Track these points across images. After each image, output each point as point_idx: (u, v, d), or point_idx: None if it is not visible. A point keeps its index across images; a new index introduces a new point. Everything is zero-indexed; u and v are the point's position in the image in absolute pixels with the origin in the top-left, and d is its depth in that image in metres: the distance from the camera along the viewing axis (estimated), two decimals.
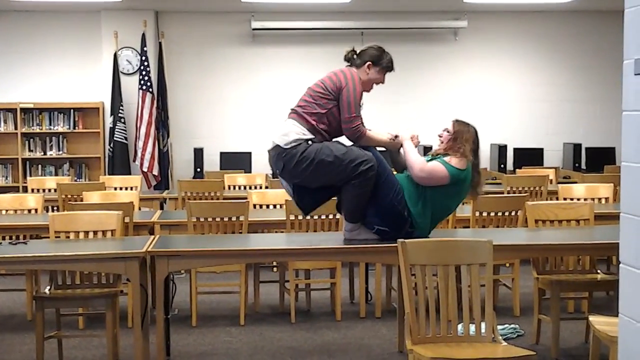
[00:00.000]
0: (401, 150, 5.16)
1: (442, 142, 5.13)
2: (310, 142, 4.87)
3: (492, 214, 6.52)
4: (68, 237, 5.54)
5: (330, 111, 4.92)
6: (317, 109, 4.92)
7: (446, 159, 4.97)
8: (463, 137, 5.03)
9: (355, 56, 5.18)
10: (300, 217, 6.27)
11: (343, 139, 5.03)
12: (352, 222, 5.02)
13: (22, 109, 10.96)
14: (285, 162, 4.88)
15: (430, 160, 5.02)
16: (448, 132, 5.12)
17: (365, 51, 5.16)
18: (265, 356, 5.64)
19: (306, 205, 5.12)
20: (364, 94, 5.07)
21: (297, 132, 4.87)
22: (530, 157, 11.43)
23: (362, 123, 4.97)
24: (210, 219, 6.29)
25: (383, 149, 5.15)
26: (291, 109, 5.05)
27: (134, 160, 10.74)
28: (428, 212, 4.95)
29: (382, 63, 5.13)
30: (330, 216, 6.36)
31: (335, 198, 5.16)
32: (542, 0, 10.95)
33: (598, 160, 11.22)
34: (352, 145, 4.96)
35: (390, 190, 4.88)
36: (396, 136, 5.16)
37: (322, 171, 4.84)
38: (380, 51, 5.18)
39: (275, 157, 4.94)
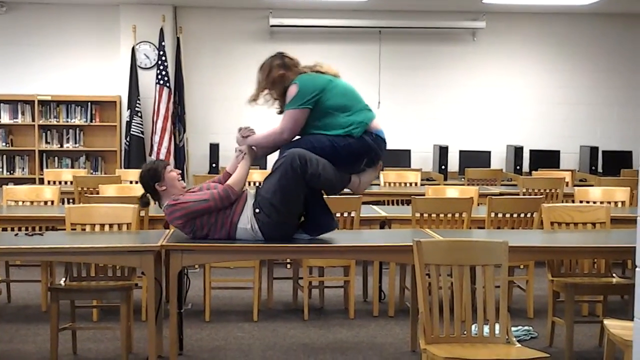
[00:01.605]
0: (254, 148, 5.06)
1: (275, 100, 5.04)
2: (255, 209, 4.82)
3: (508, 215, 6.50)
4: (84, 229, 5.56)
5: (210, 219, 4.87)
6: (210, 229, 4.89)
7: (286, 105, 4.88)
8: (271, 71, 4.98)
9: (146, 201, 5.23)
10: None
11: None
12: (346, 187, 5.00)
13: (39, 101, 11.02)
14: (278, 234, 4.86)
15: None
16: (269, 93, 5.03)
17: (145, 187, 5.13)
18: (278, 352, 5.65)
19: (323, 222, 5.05)
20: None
21: (247, 231, 4.86)
22: (546, 159, 11.37)
23: (218, 193, 4.86)
24: None
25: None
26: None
27: (150, 155, 10.77)
28: (341, 120, 4.87)
29: (158, 175, 5.03)
30: (345, 214, 6.35)
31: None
32: (562, 2, 10.89)
33: (615, 164, 11.16)
34: (274, 167, 4.85)
35: (325, 148, 4.80)
36: (240, 150, 5.07)
37: (289, 203, 4.80)
38: (145, 178, 5.11)
39: (277, 239, 4.89)
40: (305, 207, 4.91)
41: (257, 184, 8.32)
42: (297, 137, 4.93)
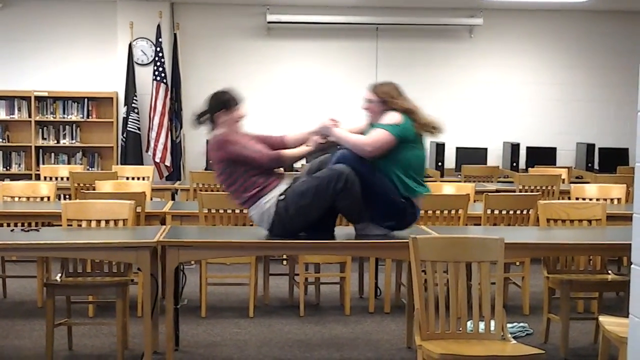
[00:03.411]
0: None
1: (372, 113, 5.06)
2: (281, 195, 4.84)
3: (504, 212, 6.50)
4: (80, 225, 5.56)
5: (244, 173, 4.89)
6: (239, 186, 4.91)
7: (381, 122, 4.92)
8: (391, 96, 5.01)
9: (204, 121, 5.13)
10: None
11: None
12: (357, 223, 5.04)
13: (36, 97, 11.01)
14: (282, 228, 4.87)
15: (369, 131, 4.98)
16: (371, 101, 5.05)
17: (209, 107, 5.07)
18: (274, 348, 5.65)
19: (327, 231, 5.09)
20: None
21: (263, 209, 4.87)
22: (542, 156, 11.39)
23: (269, 154, 4.91)
24: (221, 211, 6.30)
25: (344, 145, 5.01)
26: (237, 203, 5.10)
27: (147, 151, 10.76)
28: (409, 179, 4.91)
29: (228, 105, 5.04)
30: None
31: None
32: None
33: (611, 161, 11.17)
34: (318, 174, 4.87)
35: (380, 187, 4.85)
36: (318, 135, 5.03)
37: (310, 211, 4.82)
38: (218, 98, 5.08)
39: (274, 233, 4.92)
40: (320, 219, 4.95)
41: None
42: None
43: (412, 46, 11.68)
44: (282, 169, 5.10)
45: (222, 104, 5.03)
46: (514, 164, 11.01)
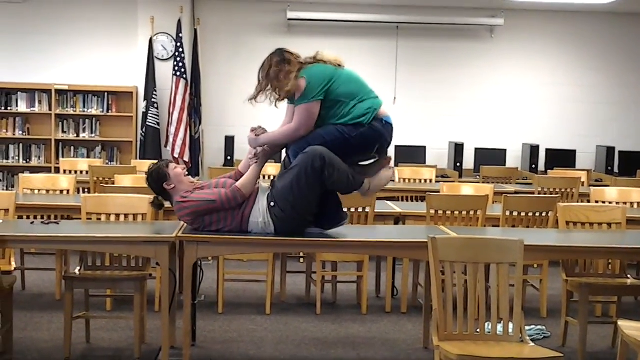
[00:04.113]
0: (267, 148, 4.97)
1: (276, 98, 4.93)
2: (270, 203, 4.80)
3: (523, 214, 6.48)
4: (99, 219, 5.59)
5: (219, 216, 4.85)
6: (223, 224, 4.86)
7: (296, 101, 4.82)
8: (276, 74, 4.85)
9: (158, 202, 5.15)
10: None
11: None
12: (360, 185, 4.94)
13: (56, 91, 11.06)
14: (285, 228, 4.84)
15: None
16: (261, 90, 4.95)
17: (154, 189, 5.09)
18: (290, 346, 5.66)
19: (335, 216, 5.03)
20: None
21: (259, 224, 4.84)
22: (562, 158, 11.33)
23: (226, 193, 4.83)
24: None
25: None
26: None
27: (166, 146, 10.80)
28: (350, 108, 4.80)
29: (163, 174, 5.01)
30: (360, 209, 6.35)
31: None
32: (580, 0, 10.83)
33: (631, 164, 11.10)
34: (293, 164, 4.81)
35: (338, 142, 4.75)
36: (255, 152, 4.97)
37: (305, 202, 4.76)
38: (152, 176, 5.05)
39: (283, 233, 4.88)
40: (319, 202, 4.89)
41: (271, 177, 8.31)
42: None
43: (432, 45, 11.65)
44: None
45: (158, 179, 5.02)
46: (533, 166, 10.97)
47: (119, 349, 5.51)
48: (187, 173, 5.10)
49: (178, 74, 10.72)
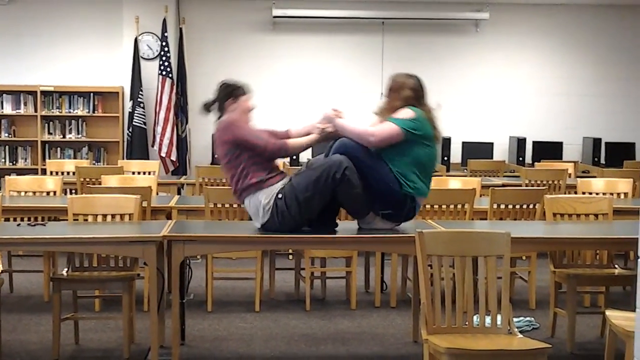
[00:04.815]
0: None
1: (389, 103, 5.00)
2: (279, 194, 4.81)
3: (510, 206, 6.49)
4: (86, 219, 5.56)
5: (248, 160, 4.86)
6: (240, 171, 4.87)
7: (393, 116, 4.86)
8: (402, 87, 4.95)
9: (213, 105, 5.14)
10: None
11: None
12: (361, 218, 5.01)
13: (42, 92, 11.03)
14: (280, 224, 4.83)
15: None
16: (391, 90, 5.02)
17: (218, 95, 5.09)
18: (280, 343, 5.65)
19: (328, 224, 5.06)
20: None
21: (260, 201, 4.84)
22: (549, 150, 11.37)
23: (274, 142, 4.89)
24: (227, 205, 6.30)
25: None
26: (233, 194, 5.00)
27: (153, 145, 10.77)
28: (414, 174, 4.84)
29: (236, 94, 5.06)
30: None
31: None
32: None
33: (617, 155, 11.15)
34: (315, 161, 4.88)
35: (378, 176, 4.80)
36: (322, 129, 4.99)
37: (310, 204, 4.78)
38: (227, 86, 5.10)
39: (271, 230, 4.88)
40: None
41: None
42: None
43: (418, 40, 11.66)
44: (286, 160, 5.05)
45: (231, 92, 5.05)
46: (520, 159, 10.99)
47: (108, 349, 5.50)
48: (251, 118, 5.07)
49: (164, 73, 10.70)
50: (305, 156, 7.59)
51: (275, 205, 4.80)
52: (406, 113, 4.87)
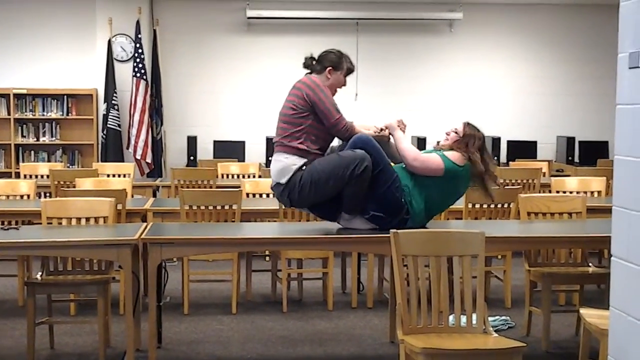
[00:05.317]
0: (391, 140, 5.14)
1: (447, 140, 5.14)
2: (304, 166, 4.89)
3: (485, 206, 6.52)
4: (60, 223, 5.53)
5: (310, 125, 4.93)
6: (296, 130, 4.92)
7: (446, 153, 4.99)
8: (470, 140, 5.08)
9: (314, 62, 5.17)
10: None
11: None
12: (350, 214, 5.02)
13: (15, 95, 10.93)
14: (289, 195, 4.95)
15: (430, 152, 5.03)
16: (456, 132, 5.14)
17: (325, 56, 5.14)
18: (257, 345, 5.65)
19: (329, 214, 5.11)
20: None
21: (290, 164, 4.89)
22: (523, 149, 11.45)
23: (346, 122, 4.99)
24: (203, 207, 6.28)
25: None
26: (275, 142, 5.06)
27: (127, 148, 10.72)
28: (422, 202, 4.94)
29: (342, 67, 5.12)
30: None
31: None
32: None
33: (591, 154, 11.24)
34: (339, 150, 5.00)
35: (388, 179, 4.88)
36: (382, 129, 5.17)
37: (324, 188, 4.87)
38: (339, 55, 5.16)
39: (279, 193, 5.02)
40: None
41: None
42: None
43: (392, 41, 11.69)
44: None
45: (338, 64, 5.10)
46: (495, 158, 11.01)
47: (83, 353, 5.46)
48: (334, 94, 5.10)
49: (138, 75, 10.65)
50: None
51: (294, 179, 4.87)
52: (457, 157, 4.97)
